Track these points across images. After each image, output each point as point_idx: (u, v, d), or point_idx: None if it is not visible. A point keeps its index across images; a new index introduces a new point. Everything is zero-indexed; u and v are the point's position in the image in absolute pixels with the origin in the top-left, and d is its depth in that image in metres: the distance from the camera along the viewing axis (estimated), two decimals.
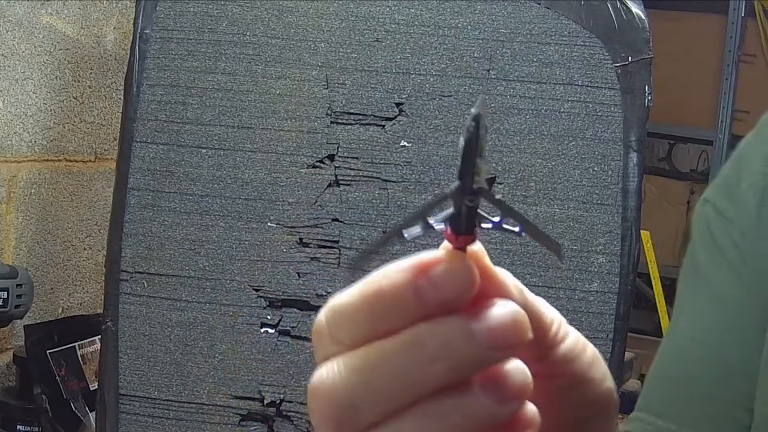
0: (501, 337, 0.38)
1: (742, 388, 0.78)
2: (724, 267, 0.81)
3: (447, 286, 0.38)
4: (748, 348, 0.78)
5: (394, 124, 1.27)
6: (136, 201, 1.29)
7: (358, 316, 0.39)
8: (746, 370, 0.78)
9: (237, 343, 1.27)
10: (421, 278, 0.38)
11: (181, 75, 1.29)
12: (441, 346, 0.37)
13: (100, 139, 1.91)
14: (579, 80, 1.25)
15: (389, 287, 0.38)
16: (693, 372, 0.80)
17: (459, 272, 0.38)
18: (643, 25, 1.25)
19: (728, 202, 0.83)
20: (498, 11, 1.27)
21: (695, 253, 0.85)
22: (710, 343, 0.80)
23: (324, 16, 1.29)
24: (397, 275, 0.38)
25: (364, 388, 0.38)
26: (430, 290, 0.38)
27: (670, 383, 0.82)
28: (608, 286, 1.23)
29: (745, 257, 0.80)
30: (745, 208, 0.81)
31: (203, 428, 1.27)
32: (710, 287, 0.82)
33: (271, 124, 1.28)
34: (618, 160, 1.24)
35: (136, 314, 1.28)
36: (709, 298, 0.82)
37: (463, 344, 0.37)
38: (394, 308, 0.38)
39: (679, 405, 0.81)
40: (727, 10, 3.59)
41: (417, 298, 0.38)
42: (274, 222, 1.27)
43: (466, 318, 0.38)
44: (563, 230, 1.24)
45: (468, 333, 0.37)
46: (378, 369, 0.38)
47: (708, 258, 0.83)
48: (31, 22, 1.71)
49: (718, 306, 0.81)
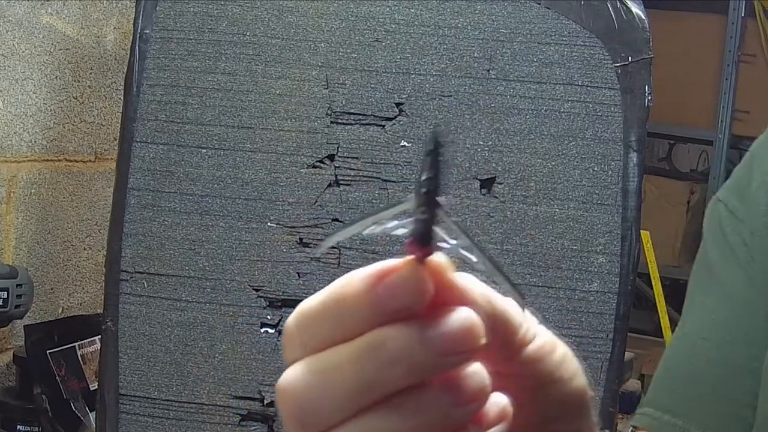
0: (454, 342, 0.39)
1: (749, 386, 0.78)
2: (734, 265, 0.82)
3: (401, 294, 0.39)
4: (756, 346, 0.78)
5: (394, 124, 1.27)
6: (136, 201, 1.29)
7: (321, 320, 0.40)
8: (753, 369, 0.78)
9: (237, 343, 1.27)
10: (378, 286, 0.39)
11: (181, 75, 1.29)
12: (398, 350, 0.39)
13: (100, 139, 1.91)
14: (579, 80, 1.25)
15: (350, 293, 0.40)
16: (701, 370, 0.81)
17: (412, 282, 0.39)
18: (643, 25, 1.25)
19: (739, 201, 0.83)
20: (498, 11, 1.27)
21: (706, 251, 0.85)
22: (718, 341, 0.81)
23: (324, 16, 1.29)
24: (358, 282, 0.40)
25: (324, 390, 0.39)
26: (386, 297, 0.39)
27: (678, 380, 0.83)
28: (608, 286, 1.23)
29: (753, 255, 0.80)
30: (754, 207, 0.81)
31: (203, 428, 1.27)
32: (721, 285, 0.82)
33: (271, 124, 1.28)
34: (618, 160, 1.24)
35: (136, 314, 1.28)
36: (719, 296, 0.82)
37: (418, 349, 0.39)
38: (354, 313, 0.40)
39: (687, 402, 0.81)
40: (727, 10, 3.59)
41: (375, 305, 0.39)
42: (274, 222, 1.27)
43: (423, 324, 0.39)
44: (563, 230, 1.24)
45: (423, 338, 0.39)
46: (337, 371, 0.39)
47: (719, 257, 0.83)
48: (31, 22, 1.71)
49: (728, 304, 0.81)
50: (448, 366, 0.40)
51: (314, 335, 0.40)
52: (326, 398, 0.39)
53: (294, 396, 0.40)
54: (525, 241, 1.24)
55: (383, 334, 0.39)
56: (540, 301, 1.23)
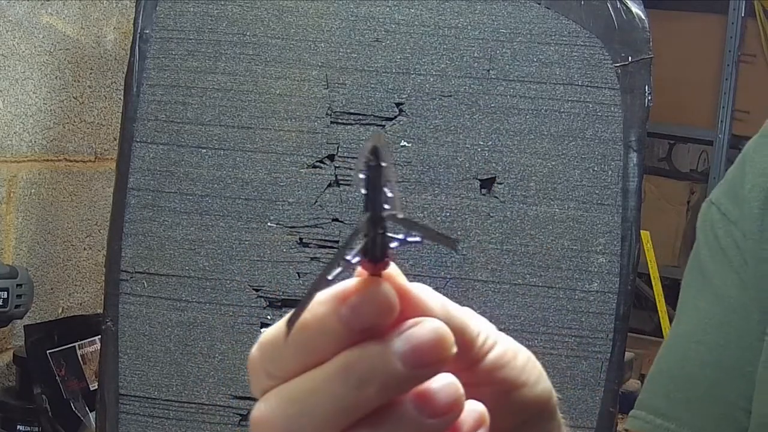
0: (423, 355, 0.39)
1: (742, 389, 0.78)
2: (727, 267, 0.81)
3: (367, 311, 0.39)
4: (748, 350, 0.78)
5: (394, 124, 1.27)
6: (136, 201, 1.29)
7: (286, 348, 0.40)
8: (745, 372, 0.78)
9: (237, 343, 1.27)
10: (342, 307, 0.39)
11: (181, 75, 1.29)
12: (367, 370, 0.38)
13: (100, 139, 1.91)
14: (579, 80, 1.25)
15: (313, 319, 0.39)
16: (694, 373, 0.80)
17: (377, 297, 0.39)
18: (643, 25, 1.25)
19: (732, 204, 0.83)
20: (498, 11, 1.27)
21: (699, 253, 0.85)
22: (712, 345, 0.80)
23: (324, 16, 1.29)
24: (319, 307, 0.39)
25: (300, 418, 0.39)
26: (352, 317, 0.39)
27: (671, 383, 0.82)
28: (608, 286, 1.23)
29: (746, 258, 0.80)
30: (747, 209, 0.81)
31: (203, 428, 1.27)
32: (713, 288, 0.82)
33: (271, 124, 1.28)
34: (618, 160, 1.24)
35: (136, 314, 1.28)
36: (711, 298, 0.82)
37: (387, 366, 0.38)
38: (320, 338, 0.39)
39: (680, 405, 0.81)
40: (727, 10, 3.59)
41: (341, 326, 0.39)
42: (274, 222, 1.27)
43: (388, 340, 0.39)
44: (563, 230, 1.24)
45: (390, 355, 0.39)
46: (312, 398, 0.39)
47: (711, 259, 0.83)
48: (31, 22, 1.71)
49: (721, 307, 0.81)
50: (419, 380, 0.39)
51: (281, 365, 0.40)
52: (305, 425, 0.39)
53: (272, 427, 0.40)
54: (525, 241, 1.24)
55: (352, 356, 0.39)
56: (540, 301, 1.23)
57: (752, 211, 0.80)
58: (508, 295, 1.23)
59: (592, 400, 1.22)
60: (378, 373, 0.38)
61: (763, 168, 0.82)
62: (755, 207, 0.80)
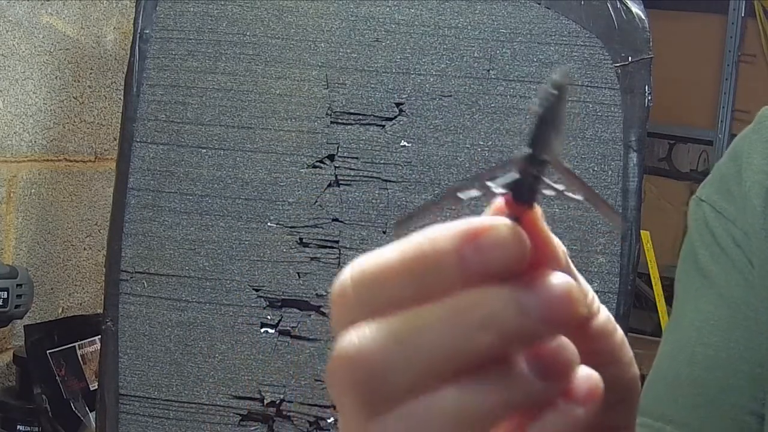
0: (554, 311, 0.35)
1: (753, 392, 0.76)
2: (728, 267, 0.79)
3: (494, 257, 0.35)
4: (758, 351, 0.77)
5: (394, 124, 1.27)
6: (136, 201, 1.29)
7: (395, 278, 0.35)
8: (755, 375, 0.76)
9: (237, 343, 1.27)
10: (467, 246, 0.35)
11: (181, 75, 1.29)
12: (488, 315, 0.34)
13: (100, 139, 1.91)
14: (579, 80, 1.25)
15: (431, 251, 0.35)
16: (702, 376, 0.78)
17: (509, 243, 0.35)
18: (643, 25, 1.25)
19: (727, 201, 0.81)
20: (498, 11, 1.27)
21: (696, 253, 0.83)
22: (719, 347, 0.78)
23: (324, 16, 1.29)
24: (442, 239, 0.35)
25: (401, 355, 0.35)
26: (475, 259, 0.35)
27: (677, 388, 0.80)
28: (608, 286, 1.23)
29: (751, 258, 0.78)
30: (750, 208, 0.79)
31: (203, 428, 1.27)
32: (714, 288, 0.80)
33: (271, 124, 1.28)
34: (618, 160, 1.24)
35: (136, 314, 1.28)
36: (714, 299, 0.80)
37: (512, 315, 0.35)
38: (435, 274, 0.35)
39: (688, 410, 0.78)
40: (727, 10, 3.59)
41: (461, 267, 0.35)
42: (274, 222, 1.27)
43: (516, 288, 0.35)
44: (563, 230, 1.24)
45: (518, 304, 0.35)
46: (418, 335, 0.35)
47: (710, 258, 0.81)
48: (31, 22, 1.71)
49: (726, 308, 0.79)
50: (543, 336, 0.35)
51: (383, 295, 0.36)
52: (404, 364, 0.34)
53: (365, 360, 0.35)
54: None
55: (474, 297, 0.35)
56: None
57: (755, 210, 0.79)
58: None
59: None
60: (500, 321, 0.34)
61: (760, 165, 0.80)
62: (758, 205, 0.79)
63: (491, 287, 0.35)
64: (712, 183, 0.85)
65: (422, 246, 0.35)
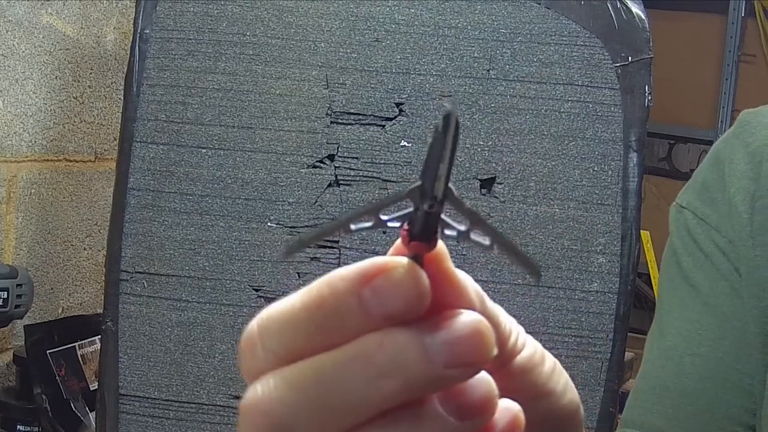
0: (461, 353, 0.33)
1: (743, 403, 0.75)
2: (713, 275, 0.78)
3: (392, 298, 0.33)
4: (747, 362, 0.75)
5: (394, 124, 1.27)
6: (136, 201, 1.29)
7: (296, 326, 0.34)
8: (745, 386, 0.75)
9: (237, 343, 1.27)
10: (364, 288, 0.33)
11: (181, 75, 1.29)
12: (391, 361, 0.33)
13: (100, 139, 1.91)
14: (579, 80, 1.25)
15: (331, 295, 0.34)
16: (692, 387, 0.77)
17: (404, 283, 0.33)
18: (643, 25, 1.25)
19: (710, 208, 0.79)
20: (498, 11, 1.27)
21: (680, 261, 0.81)
22: (708, 357, 0.77)
23: (324, 16, 1.29)
24: (341, 283, 0.34)
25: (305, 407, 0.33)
26: (374, 302, 0.33)
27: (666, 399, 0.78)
28: (608, 286, 1.23)
29: (738, 266, 0.77)
30: (736, 215, 0.77)
31: (203, 428, 1.27)
32: (701, 297, 0.78)
33: (271, 124, 1.28)
34: (618, 160, 1.24)
35: (136, 314, 1.28)
36: (701, 308, 0.78)
37: (416, 360, 0.33)
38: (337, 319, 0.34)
39: (679, 422, 0.77)
40: (727, 10, 3.59)
41: (362, 310, 0.33)
42: (274, 222, 1.27)
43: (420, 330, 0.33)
44: (563, 230, 1.24)
45: (422, 348, 0.33)
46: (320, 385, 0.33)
47: (694, 265, 0.79)
48: (31, 22, 1.71)
49: (713, 317, 0.77)
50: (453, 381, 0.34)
51: (285, 343, 0.35)
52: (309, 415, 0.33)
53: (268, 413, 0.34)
54: (525, 241, 1.24)
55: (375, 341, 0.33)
56: (540, 301, 1.23)
57: (740, 217, 0.77)
58: (508, 295, 1.23)
59: (592, 400, 1.22)
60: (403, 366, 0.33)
61: (744, 171, 0.78)
62: (743, 212, 0.77)
63: (393, 330, 0.33)
64: (693, 189, 0.83)
65: (322, 291, 0.34)
